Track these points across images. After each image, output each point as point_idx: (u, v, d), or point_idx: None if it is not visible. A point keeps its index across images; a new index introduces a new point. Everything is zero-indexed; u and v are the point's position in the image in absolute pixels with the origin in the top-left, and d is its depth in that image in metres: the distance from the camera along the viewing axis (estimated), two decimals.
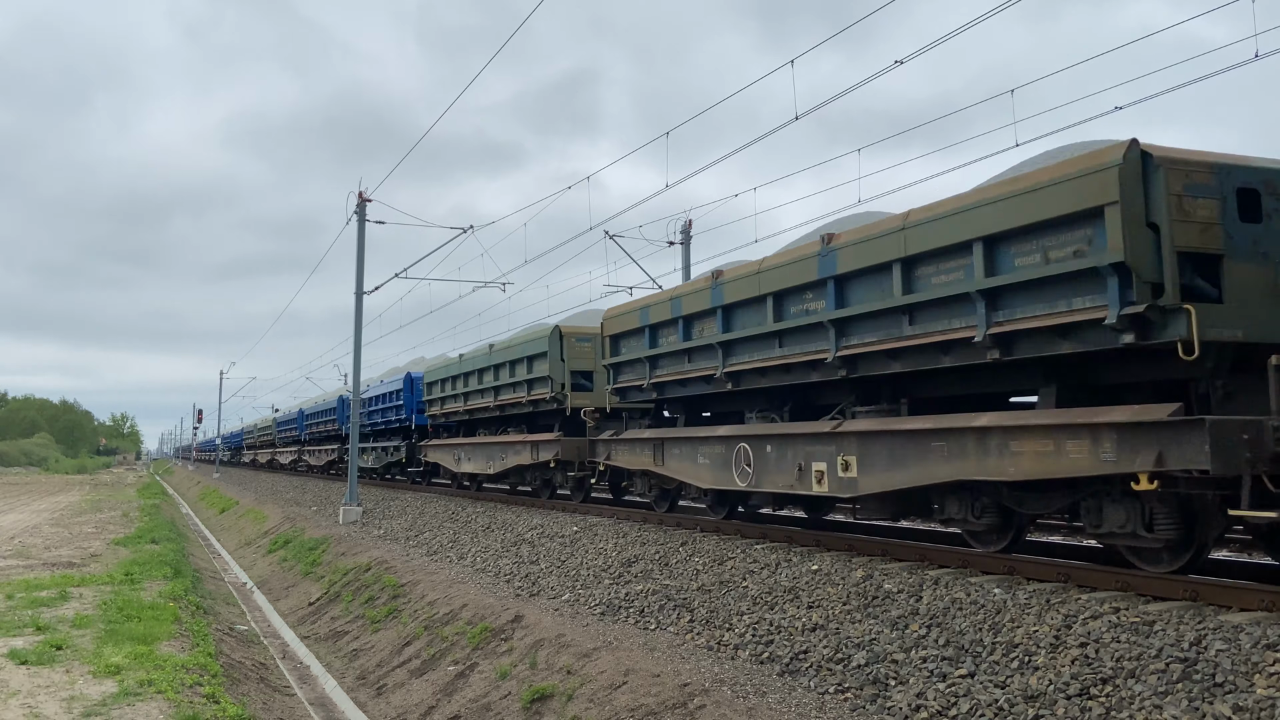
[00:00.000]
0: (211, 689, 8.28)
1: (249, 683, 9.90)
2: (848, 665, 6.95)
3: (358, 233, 24.65)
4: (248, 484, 46.49)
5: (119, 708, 7.45)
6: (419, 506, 21.38)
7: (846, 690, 6.61)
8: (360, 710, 9.94)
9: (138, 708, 7.47)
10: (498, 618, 10.24)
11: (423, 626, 11.31)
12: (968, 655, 6.55)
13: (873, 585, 8.28)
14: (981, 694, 5.98)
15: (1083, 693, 5.65)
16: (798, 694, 6.70)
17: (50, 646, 9.25)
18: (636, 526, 13.51)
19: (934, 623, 7.18)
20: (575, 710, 7.44)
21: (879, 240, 8.82)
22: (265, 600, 17.44)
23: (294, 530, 22.75)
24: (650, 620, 9.18)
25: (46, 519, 27.34)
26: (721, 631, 8.34)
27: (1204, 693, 5.25)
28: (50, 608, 11.51)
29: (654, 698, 6.98)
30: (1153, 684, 5.47)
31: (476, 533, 16.11)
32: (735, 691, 6.80)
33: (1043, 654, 6.21)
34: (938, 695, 6.12)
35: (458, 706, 8.83)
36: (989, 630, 6.77)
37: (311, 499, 30.11)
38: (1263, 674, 5.22)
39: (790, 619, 8.10)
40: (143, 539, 20.46)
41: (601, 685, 7.56)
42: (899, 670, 6.66)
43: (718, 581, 9.65)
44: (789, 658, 7.37)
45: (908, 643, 7.00)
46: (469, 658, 9.72)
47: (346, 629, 13.22)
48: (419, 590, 12.76)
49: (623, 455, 14.42)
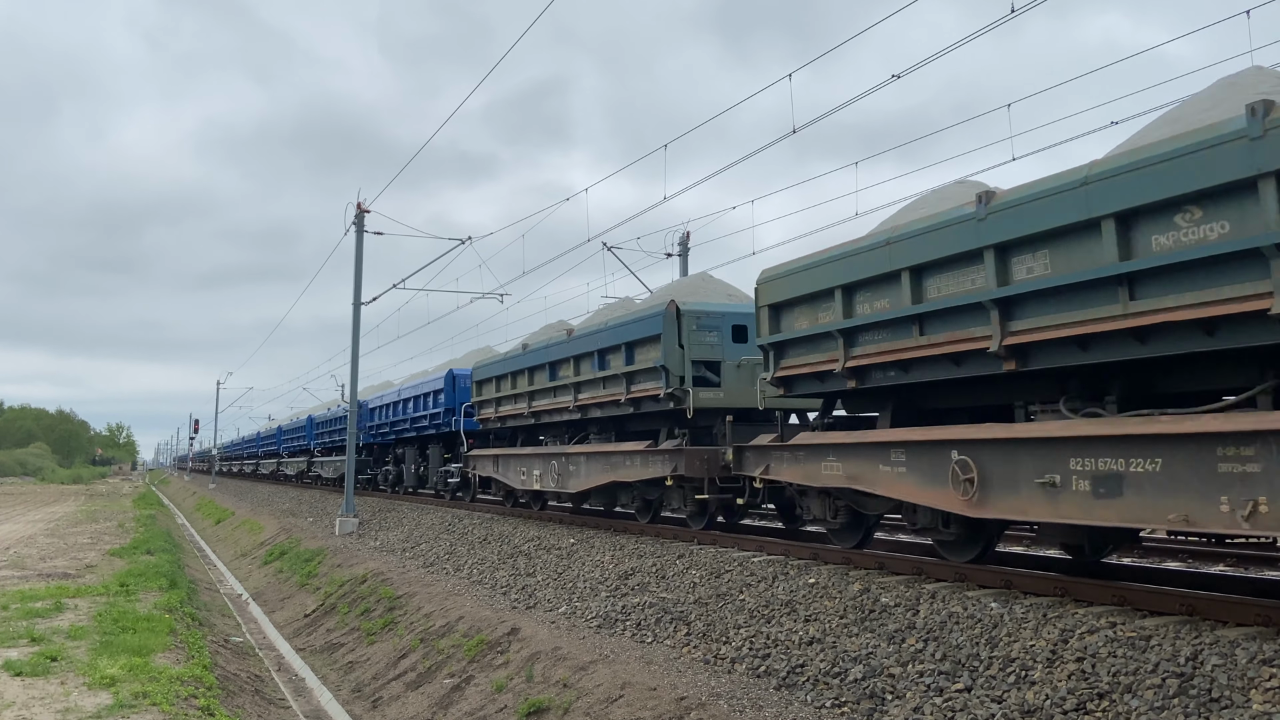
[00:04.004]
0: (206, 701, 8.25)
1: (244, 695, 9.87)
2: (844, 679, 6.94)
3: (356, 244, 24.69)
4: (244, 494, 46.38)
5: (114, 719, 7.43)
6: (415, 518, 21.34)
7: (843, 704, 6.60)
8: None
9: None
10: (494, 630, 10.22)
11: (419, 639, 11.29)
12: (964, 669, 6.55)
13: (870, 599, 8.28)
14: (978, 709, 5.98)
15: (1079, 708, 5.65)
16: (794, 708, 6.69)
17: (45, 658, 9.22)
18: (633, 539, 13.49)
19: (931, 636, 7.18)
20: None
21: None
22: (261, 612, 17.39)
23: (290, 541, 22.71)
24: (647, 633, 9.17)
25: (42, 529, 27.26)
26: (718, 645, 8.33)
27: (1200, 708, 5.25)
28: (45, 619, 11.47)
29: (650, 711, 6.97)
30: (1149, 699, 5.48)
31: (473, 544, 16.08)
32: (732, 705, 6.79)
33: (1039, 668, 6.22)
34: (934, 710, 6.12)
35: (453, 719, 8.81)
36: (986, 644, 6.77)
37: (308, 510, 30.05)
38: (1259, 689, 5.23)
39: (787, 632, 8.09)
40: (138, 550, 20.40)
41: (598, 699, 7.55)
42: (896, 684, 6.66)
43: (714, 594, 9.64)
44: (786, 671, 7.36)
45: (905, 657, 7.00)
46: (465, 670, 9.70)
47: (342, 641, 13.19)
48: (415, 602, 12.74)
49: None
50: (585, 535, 14.41)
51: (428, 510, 22.41)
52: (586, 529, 15.19)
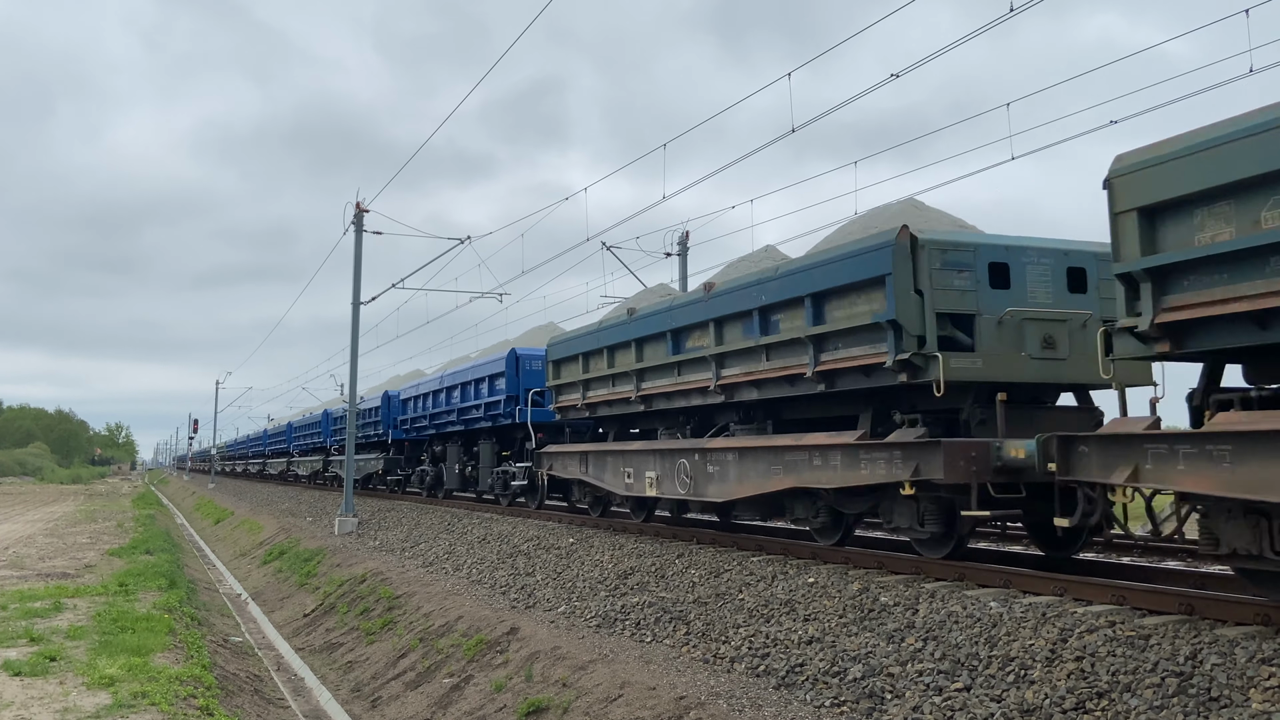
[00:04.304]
0: (205, 701, 8.25)
1: (243, 695, 9.86)
2: (844, 678, 6.94)
3: (355, 243, 24.68)
4: (243, 494, 46.38)
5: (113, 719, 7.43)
6: (415, 517, 21.34)
7: (843, 703, 6.60)
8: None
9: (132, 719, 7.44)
10: (493, 630, 10.22)
11: (418, 638, 11.29)
12: (964, 669, 6.55)
13: (869, 598, 8.28)
14: (978, 708, 5.98)
15: (1078, 707, 5.66)
16: (794, 707, 6.69)
17: (44, 658, 9.21)
18: (632, 538, 13.49)
19: (930, 636, 7.18)
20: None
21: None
22: (260, 612, 17.39)
23: (289, 541, 22.70)
24: (646, 633, 9.17)
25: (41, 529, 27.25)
26: (717, 644, 8.33)
27: (1199, 707, 5.25)
28: (44, 619, 11.47)
29: (650, 711, 6.97)
30: (1148, 698, 5.48)
31: (472, 544, 16.08)
32: (731, 705, 6.79)
33: (1039, 668, 6.22)
34: (934, 709, 6.12)
35: (453, 719, 8.80)
36: (985, 644, 6.77)
37: (306, 509, 30.05)
38: (1258, 688, 5.23)
39: (786, 632, 8.09)
40: (137, 550, 20.39)
41: (597, 698, 7.55)
42: (895, 684, 6.66)
43: (714, 594, 9.64)
44: (785, 670, 7.36)
45: (904, 656, 7.00)
46: (464, 670, 9.70)
47: (341, 641, 13.18)
48: (414, 602, 12.73)
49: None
50: (584, 535, 14.41)
51: (427, 510, 22.41)
52: (585, 529, 15.18)
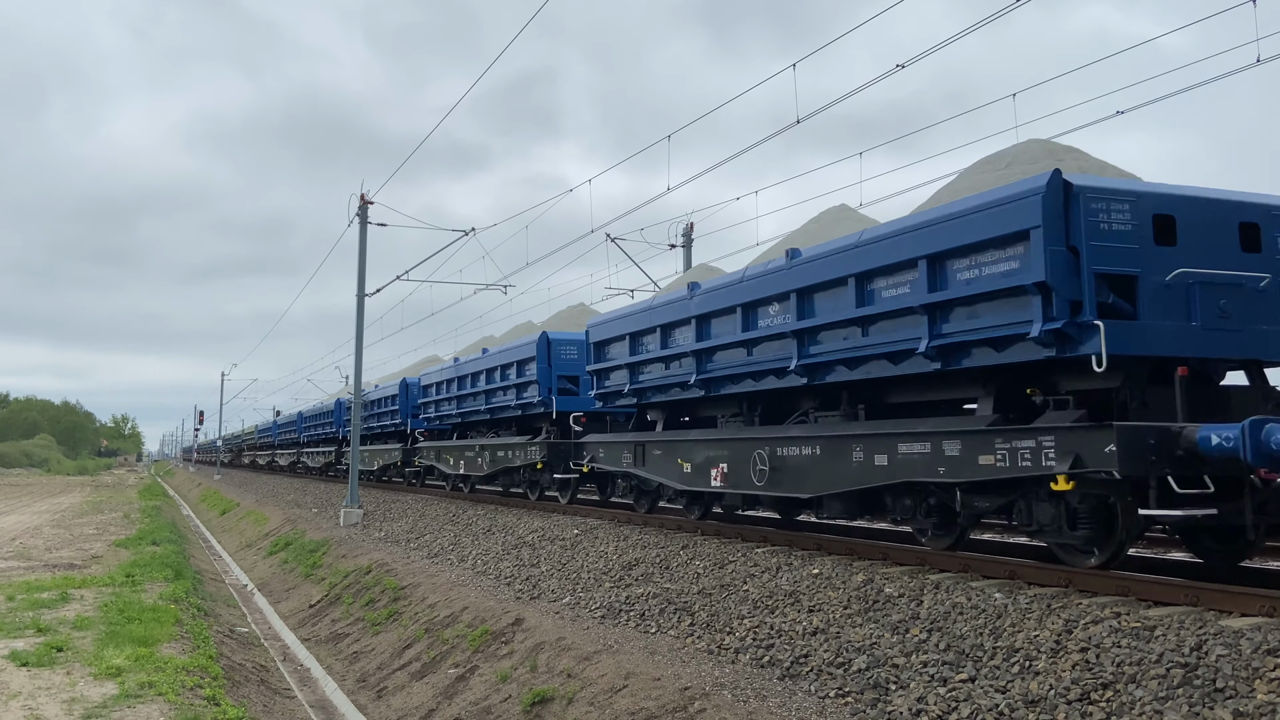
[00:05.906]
0: (212, 691, 8.29)
1: (250, 685, 9.90)
2: (848, 669, 6.95)
3: (360, 235, 24.70)
4: (249, 486, 46.50)
5: (120, 710, 7.46)
6: (420, 509, 21.38)
7: (847, 694, 6.61)
8: (360, 713, 9.94)
9: (138, 710, 7.47)
10: (498, 620, 10.24)
11: (423, 629, 11.32)
12: (968, 660, 6.55)
13: (874, 589, 8.28)
14: (982, 699, 5.98)
15: (1083, 698, 5.65)
16: (798, 698, 6.70)
17: (51, 648, 9.26)
18: (637, 529, 13.50)
19: (935, 627, 7.18)
20: (576, 714, 7.44)
21: None
22: (266, 602, 17.44)
23: (295, 532, 22.76)
24: (651, 624, 9.18)
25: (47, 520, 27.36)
26: (722, 635, 8.34)
27: (1204, 698, 5.25)
28: (51, 609, 11.52)
29: (654, 701, 6.99)
30: (1153, 689, 5.47)
31: (477, 535, 16.11)
32: (735, 695, 6.80)
33: (1043, 659, 6.21)
34: (938, 700, 6.12)
35: (458, 709, 8.83)
36: (990, 635, 6.77)
37: (312, 501, 30.12)
38: (1263, 679, 5.22)
39: (791, 623, 8.10)
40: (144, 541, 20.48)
41: (602, 689, 7.57)
42: (900, 675, 6.66)
43: (718, 585, 9.65)
44: (789, 662, 7.37)
45: (908, 647, 7.00)
46: (469, 660, 9.73)
47: (347, 631, 13.22)
48: (420, 593, 12.76)
49: None
50: (589, 526, 14.43)
51: (431, 501, 22.45)
52: (590, 519, 15.20)
